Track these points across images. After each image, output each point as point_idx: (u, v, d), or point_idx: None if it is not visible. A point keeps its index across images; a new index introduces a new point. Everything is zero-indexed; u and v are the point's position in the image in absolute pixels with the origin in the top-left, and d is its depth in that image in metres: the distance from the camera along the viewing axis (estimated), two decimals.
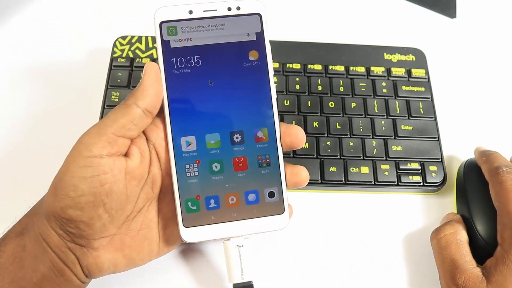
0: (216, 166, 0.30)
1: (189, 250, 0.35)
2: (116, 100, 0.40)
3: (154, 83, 0.28)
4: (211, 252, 0.35)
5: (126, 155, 0.28)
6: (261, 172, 0.30)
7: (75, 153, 0.27)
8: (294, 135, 0.30)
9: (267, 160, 0.30)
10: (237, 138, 0.30)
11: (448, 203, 0.38)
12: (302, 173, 0.30)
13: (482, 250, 0.32)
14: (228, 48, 0.30)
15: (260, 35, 0.30)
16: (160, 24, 0.29)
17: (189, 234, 0.29)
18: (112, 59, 0.42)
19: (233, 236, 0.30)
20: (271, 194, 0.30)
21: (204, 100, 0.30)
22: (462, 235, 0.33)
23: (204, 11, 0.29)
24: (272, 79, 0.30)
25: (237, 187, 0.30)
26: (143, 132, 0.30)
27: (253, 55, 0.30)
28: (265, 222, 0.30)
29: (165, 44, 0.29)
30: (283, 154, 0.30)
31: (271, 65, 0.30)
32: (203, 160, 0.30)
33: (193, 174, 0.30)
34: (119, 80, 0.41)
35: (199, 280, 0.34)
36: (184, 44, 0.29)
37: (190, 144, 0.30)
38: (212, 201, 0.30)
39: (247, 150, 0.30)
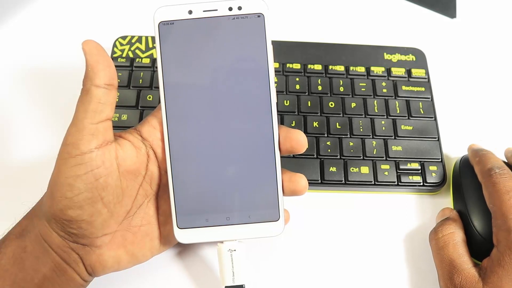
0: (212, 170, 0.29)
1: (186, 251, 0.35)
2: (116, 100, 0.40)
3: (99, 57, 0.27)
4: (210, 253, 0.35)
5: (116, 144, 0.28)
6: (257, 178, 0.30)
7: (64, 155, 0.26)
8: (295, 140, 0.29)
9: (264, 166, 0.30)
10: (234, 142, 0.29)
11: (448, 203, 0.38)
12: (301, 181, 0.30)
13: (480, 246, 0.33)
14: (228, 49, 0.29)
15: (262, 36, 0.29)
16: (159, 24, 0.29)
17: (183, 235, 0.30)
18: (112, 59, 0.42)
19: (226, 240, 0.30)
20: (267, 201, 0.29)
21: (203, 103, 0.29)
22: (459, 235, 0.34)
23: (204, 11, 0.29)
24: (273, 83, 0.29)
25: (232, 192, 0.29)
26: (138, 131, 0.30)
27: (253, 58, 0.29)
28: (259, 228, 0.30)
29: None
30: (284, 157, 0.30)
31: (272, 67, 0.29)
32: (199, 163, 0.29)
33: (188, 177, 0.29)
34: (119, 80, 0.41)
35: (196, 280, 0.34)
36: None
37: (186, 147, 0.29)
38: (206, 204, 0.30)
39: (243, 156, 0.29)
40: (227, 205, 0.29)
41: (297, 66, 0.43)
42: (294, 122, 0.40)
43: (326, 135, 0.40)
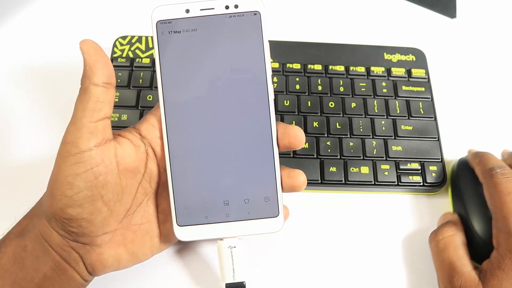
0: (211, 167, 0.30)
1: (186, 248, 0.35)
2: (116, 100, 0.40)
3: (96, 56, 0.27)
4: (209, 250, 0.35)
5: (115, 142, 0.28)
6: (256, 174, 0.30)
7: (64, 154, 0.26)
8: (293, 136, 0.29)
9: (263, 162, 0.30)
10: (233, 139, 0.30)
11: (448, 203, 0.38)
12: (300, 177, 0.30)
13: (480, 249, 0.33)
14: (225, 47, 0.29)
15: (259, 34, 0.29)
16: (157, 23, 0.29)
17: (182, 233, 0.30)
18: (112, 59, 0.42)
19: (226, 237, 0.30)
20: (266, 197, 0.30)
21: (201, 101, 0.29)
22: (460, 237, 0.33)
23: (201, 9, 0.29)
24: (270, 80, 0.29)
25: (231, 188, 0.30)
26: (137, 129, 0.30)
27: (251, 55, 0.29)
28: (259, 224, 0.30)
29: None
30: (283, 154, 0.30)
31: (269, 66, 0.29)
32: (198, 161, 0.30)
33: (187, 175, 0.30)
34: (119, 80, 0.41)
35: (196, 278, 0.34)
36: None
37: (185, 145, 0.29)
38: (206, 201, 0.30)
39: (242, 152, 0.30)
40: (226, 202, 0.30)
41: (297, 66, 0.43)
42: (294, 122, 0.40)
43: (326, 135, 0.40)
